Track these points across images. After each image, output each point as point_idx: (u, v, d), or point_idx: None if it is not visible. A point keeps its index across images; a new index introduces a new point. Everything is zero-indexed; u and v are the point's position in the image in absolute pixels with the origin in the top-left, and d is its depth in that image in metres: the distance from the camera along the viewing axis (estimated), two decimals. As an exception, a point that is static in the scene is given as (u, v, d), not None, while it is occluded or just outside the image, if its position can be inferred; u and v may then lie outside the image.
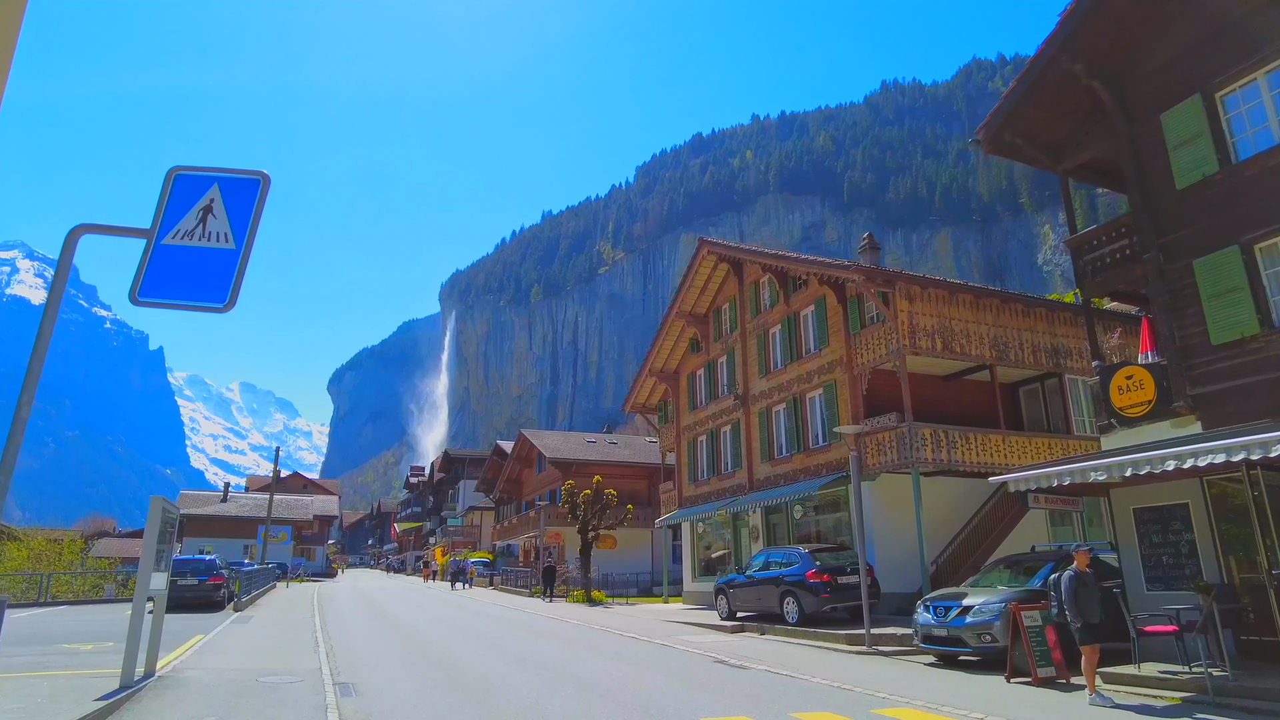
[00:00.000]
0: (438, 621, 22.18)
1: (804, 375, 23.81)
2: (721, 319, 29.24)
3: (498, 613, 25.93)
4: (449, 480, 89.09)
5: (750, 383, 26.56)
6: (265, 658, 14.01)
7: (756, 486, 25.55)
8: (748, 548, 26.30)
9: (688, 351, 31.35)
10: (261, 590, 32.83)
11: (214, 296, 4.47)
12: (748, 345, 26.97)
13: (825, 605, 17.75)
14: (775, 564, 19.25)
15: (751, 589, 19.69)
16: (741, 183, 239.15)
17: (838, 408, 22.15)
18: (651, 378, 32.53)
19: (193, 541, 60.99)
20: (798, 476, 23.47)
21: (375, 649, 15.37)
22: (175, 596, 24.34)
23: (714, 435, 28.79)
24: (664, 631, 19.18)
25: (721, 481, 27.96)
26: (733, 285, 28.39)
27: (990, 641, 12.78)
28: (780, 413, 25.00)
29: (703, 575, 29.16)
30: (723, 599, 20.80)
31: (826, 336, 22.93)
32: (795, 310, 24.63)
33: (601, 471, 38.69)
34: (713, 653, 15.24)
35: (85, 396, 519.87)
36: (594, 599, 32.16)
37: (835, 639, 16.47)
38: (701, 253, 28.36)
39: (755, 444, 25.91)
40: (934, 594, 14.39)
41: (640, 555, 45.21)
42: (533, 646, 16.10)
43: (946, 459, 19.82)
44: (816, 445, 23.14)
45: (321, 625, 20.28)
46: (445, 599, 34.36)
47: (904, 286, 20.54)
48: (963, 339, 21.10)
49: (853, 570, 18.21)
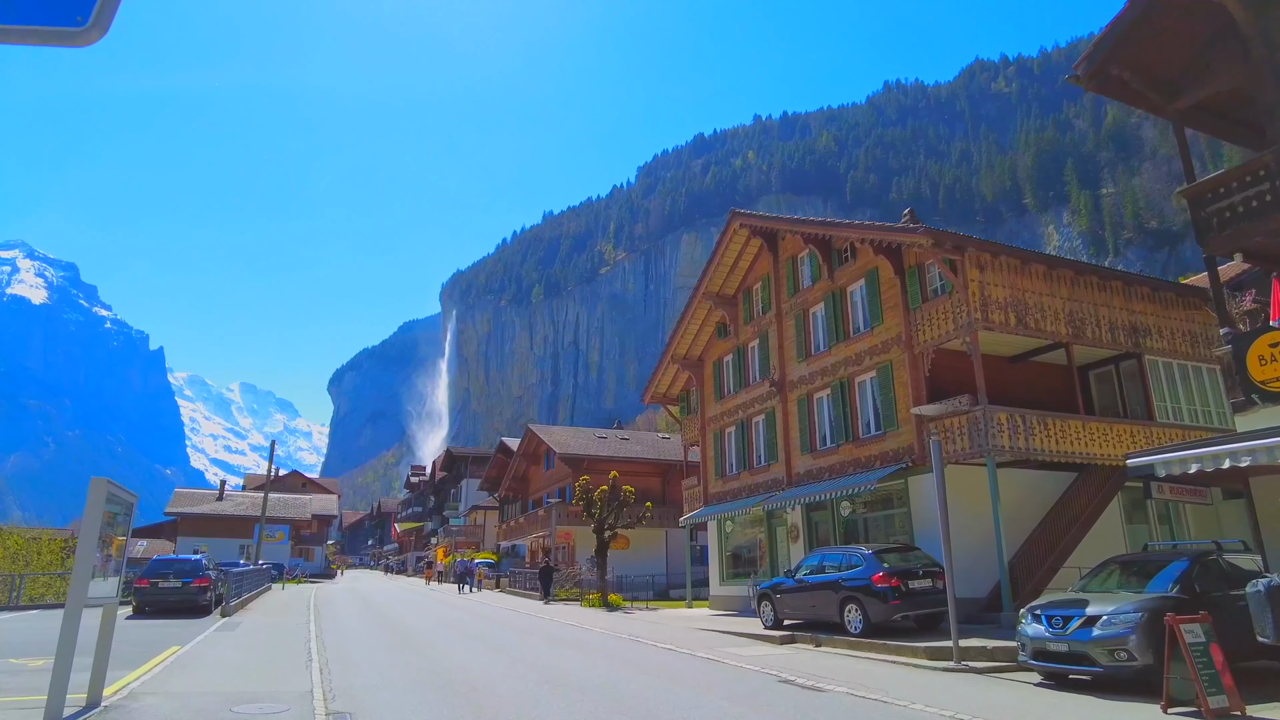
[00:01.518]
0: (447, 628, 19.90)
1: (852, 357, 21.52)
2: (753, 300, 26.96)
3: (511, 618, 23.65)
4: (451, 479, 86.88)
5: (787, 368, 24.27)
6: (247, 677, 11.71)
7: (796, 481, 23.27)
8: (784, 548, 24.02)
9: (713, 336, 29.04)
10: (254, 593, 30.55)
11: (67, 15, 2.19)
12: (784, 327, 24.68)
13: (895, 614, 15.46)
14: (831, 566, 16.95)
15: (803, 595, 17.39)
16: (744, 183, 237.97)
17: (894, 392, 19.85)
18: (674, 365, 30.18)
19: (187, 541, 58.81)
20: (846, 469, 21.19)
21: (378, 664, 13.07)
22: (157, 600, 22.13)
23: (744, 426, 26.49)
24: (702, 642, 16.90)
25: (754, 476, 25.66)
26: (765, 262, 26.10)
27: (1126, 659, 10.48)
28: (824, 399, 22.70)
29: (731, 578, 26.86)
30: (767, 606, 18.49)
31: (880, 313, 20.64)
32: (841, 286, 22.34)
33: (614, 468, 36.37)
34: (771, 669, 12.97)
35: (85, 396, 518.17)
36: (611, 603, 29.89)
37: (911, 653, 14.17)
38: (732, 227, 26.04)
39: (794, 434, 23.62)
40: (1043, 601, 12.10)
41: (653, 556, 42.92)
42: (561, 661, 13.82)
43: (1024, 447, 17.54)
44: (868, 434, 20.85)
45: (316, 633, 17.98)
46: (452, 602, 32.05)
47: (974, 253, 18.26)
48: (1037, 314, 18.82)
49: (925, 573, 15.95)
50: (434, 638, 17.57)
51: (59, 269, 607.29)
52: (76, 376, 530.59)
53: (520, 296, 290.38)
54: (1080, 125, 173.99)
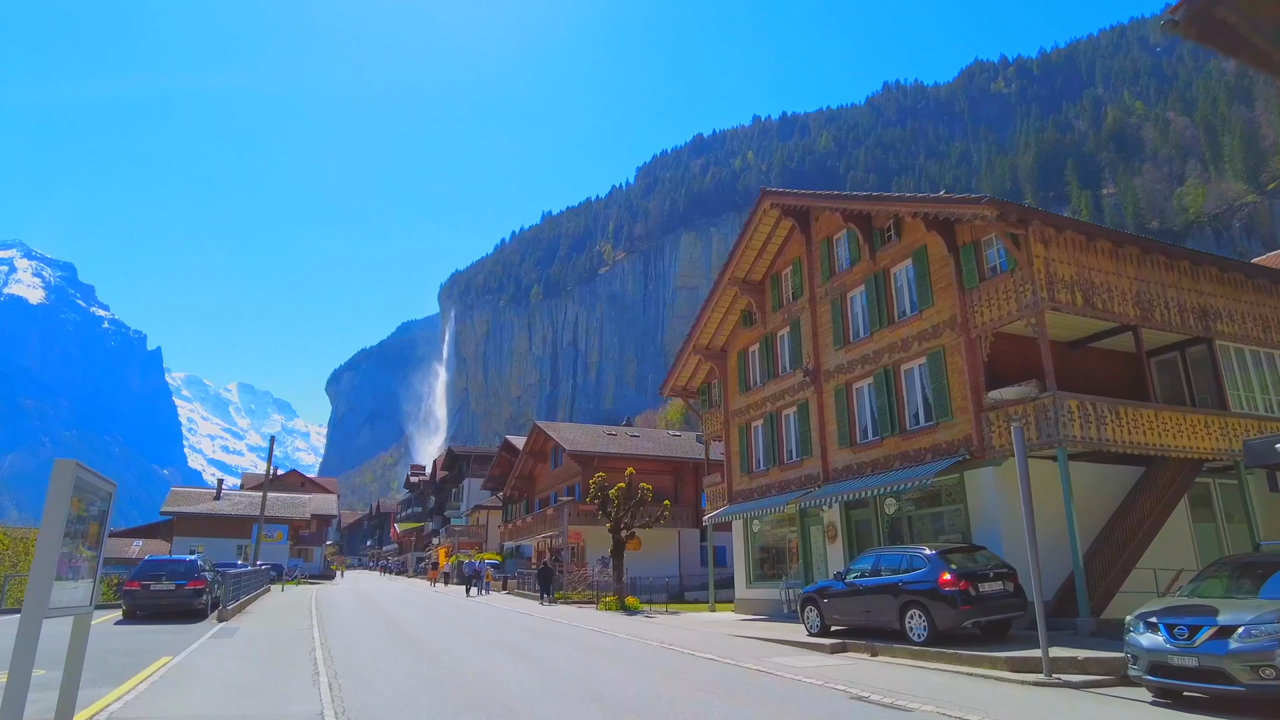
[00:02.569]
0: (462, 634, 18.37)
1: (898, 343, 20.00)
2: (782, 285, 25.44)
3: (529, 622, 22.11)
4: (452, 478, 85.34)
5: (823, 356, 22.75)
6: (246, 694, 10.17)
7: (833, 477, 21.75)
8: (819, 549, 22.50)
9: (738, 325, 27.50)
10: (253, 595, 28.99)
11: None
12: (818, 313, 23.17)
13: (964, 620, 13.94)
14: (889, 568, 15.42)
15: (855, 599, 15.86)
16: (743, 183, 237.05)
17: (947, 379, 18.33)
18: (695, 356, 28.61)
19: (183, 542, 57.20)
20: (891, 464, 19.67)
21: (393, 677, 11.54)
22: (148, 604, 20.59)
23: (773, 420, 24.97)
24: (746, 651, 15.38)
25: (784, 472, 24.14)
26: (797, 245, 24.58)
27: (1273, 677, 8.99)
28: (865, 389, 21.18)
29: (759, 580, 25.33)
30: (812, 611, 16.96)
31: (930, 295, 19.13)
32: (884, 267, 20.83)
33: (625, 465, 34.73)
34: (835, 684, 11.47)
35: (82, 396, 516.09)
36: (629, 606, 28.38)
37: (989, 664, 12.64)
38: (762, 206, 24.49)
39: (830, 427, 22.10)
40: (1158, 608, 10.58)
41: (666, 557, 41.43)
42: (599, 673, 12.29)
43: (1096, 437, 16.03)
44: (916, 426, 19.34)
45: (321, 640, 16.45)
46: (461, 605, 30.49)
47: (1039, 227, 16.76)
48: (1104, 294, 17.33)
49: (996, 575, 14.44)
50: (450, 645, 16.04)
51: (56, 269, 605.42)
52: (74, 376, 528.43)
53: (519, 296, 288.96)
54: (1080, 126, 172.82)
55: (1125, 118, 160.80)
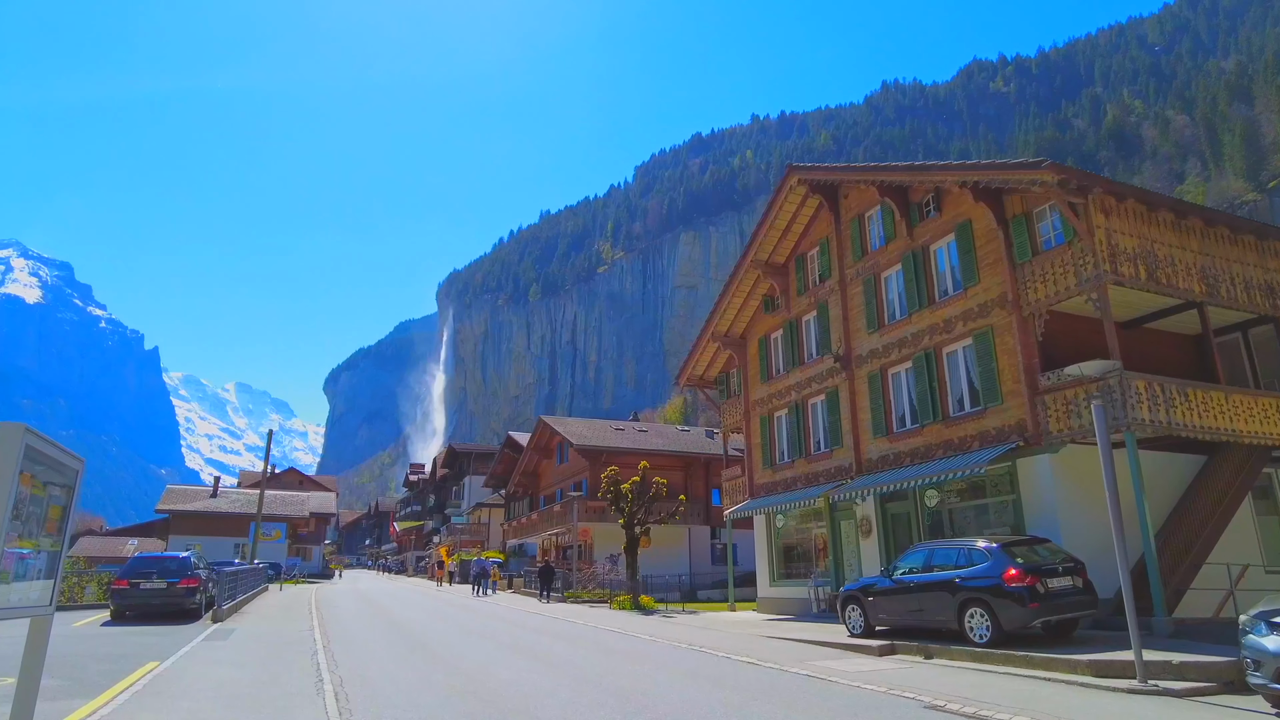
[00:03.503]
0: (476, 637, 17.06)
1: (940, 324, 18.71)
2: (807, 268, 24.14)
3: (545, 624, 20.79)
4: (453, 476, 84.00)
5: (854, 341, 21.46)
6: (239, 708, 8.83)
7: (867, 468, 20.45)
8: (852, 544, 21.20)
9: (759, 311, 26.19)
10: (250, 594, 27.69)
11: None
12: (848, 295, 21.87)
13: (1034, 619, 12.65)
14: (943, 564, 14.12)
15: (904, 597, 14.56)
16: (742, 182, 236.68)
17: (996, 361, 17.04)
18: (713, 344, 27.29)
19: (180, 540, 55.94)
20: (933, 453, 18.38)
21: (407, 686, 10.24)
22: (138, 603, 19.26)
23: (799, 409, 23.67)
24: (787, 654, 14.09)
25: (811, 464, 22.85)
26: (824, 224, 23.29)
27: None
28: (903, 374, 19.89)
29: (783, 579, 24.02)
30: (855, 610, 15.66)
31: (975, 272, 17.85)
32: (922, 244, 19.54)
33: (636, 460, 33.33)
34: (900, 691, 10.21)
35: (80, 395, 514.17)
36: (643, 605, 27.11)
37: (1068, 667, 11.35)
38: (789, 183, 23.17)
39: (863, 416, 20.81)
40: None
41: (675, 555, 40.13)
42: (635, 680, 11.01)
43: (1164, 420, 14.76)
44: (961, 412, 18.05)
45: (324, 643, 15.15)
46: (469, 605, 29.16)
47: (1100, 195, 15.49)
48: (1167, 268, 16.07)
49: (1066, 570, 13.15)
50: (465, 649, 14.75)
51: (53, 268, 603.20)
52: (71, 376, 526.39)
53: (518, 296, 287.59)
54: (1079, 125, 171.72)
55: (1125, 116, 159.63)
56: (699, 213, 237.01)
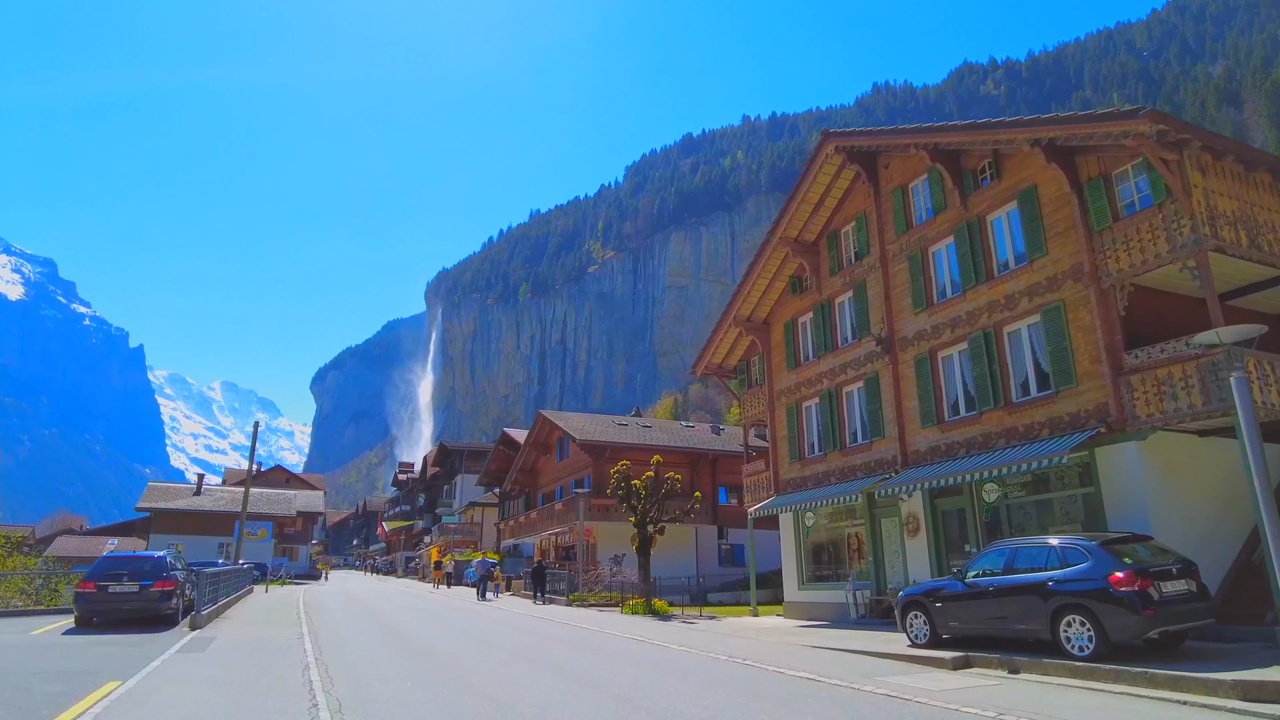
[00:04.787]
0: (487, 647, 15.17)
1: (1000, 301, 16.95)
2: (840, 245, 22.36)
3: (556, 631, 18.88)
4: (444, 475, 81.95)
5: (898, 322, 19.68)
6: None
7: (913, 460, 18.68)
8: (895, 544, 19.42)
9: (785, 293, 24.40)
10: (233, 597, 25.69)
11: None
12: (891, 273, 20.09)
13: (1149, 628, 10.87)
14: (1027, 566, 12.32)
15: (981, 603, 12.76)
16: (733, 182, 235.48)
17: (1070, 340, 15.28)
18: (734, 329, 25.45)
19: (161, 539, 53.67)
20: (993, 442, 16.63)
21: (423, 712, 8.38)
22: (106, 609, 17.19)
23: (832, 397, 21.88)
24: (842, 667, 12.28)
25: (847, 457, 21.06)
26: (862, 197, 21.52)
27: None
28: (956, 357, 18.13)
29: (814, 581, 22.21)
30: (919, 617, 13.87)
31: (1042, 242, 16.09)
32: (978, 214, 17.79)
33: (640, 456, 31.40)
34: (1010, 715, 8.45)
35: (63, 394, 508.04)
36: (658, 610, 25.29)
37: (1204, 688, 9.53)
38: (824, 151, 21.37)
39: (909, 403, 19.03)
40: None
41: (682, 556, 38.22)
42: (689, 701, 9.16)
43: (1276, 403, 13.05)
44: (1026, 397, 16.30)
45: (316, 655, 13.25)
46: (470, 609, 27.23)
47: (1196, 151, 13.78)
48: (1268, 234, 14.40)
49: (1180, 572, 11.40)
50: (480, 662, 12.87)
51: (36, 265, 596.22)
52: (54, 374, 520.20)
53: (507, 295, 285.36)
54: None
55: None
56: (690, 213, 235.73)
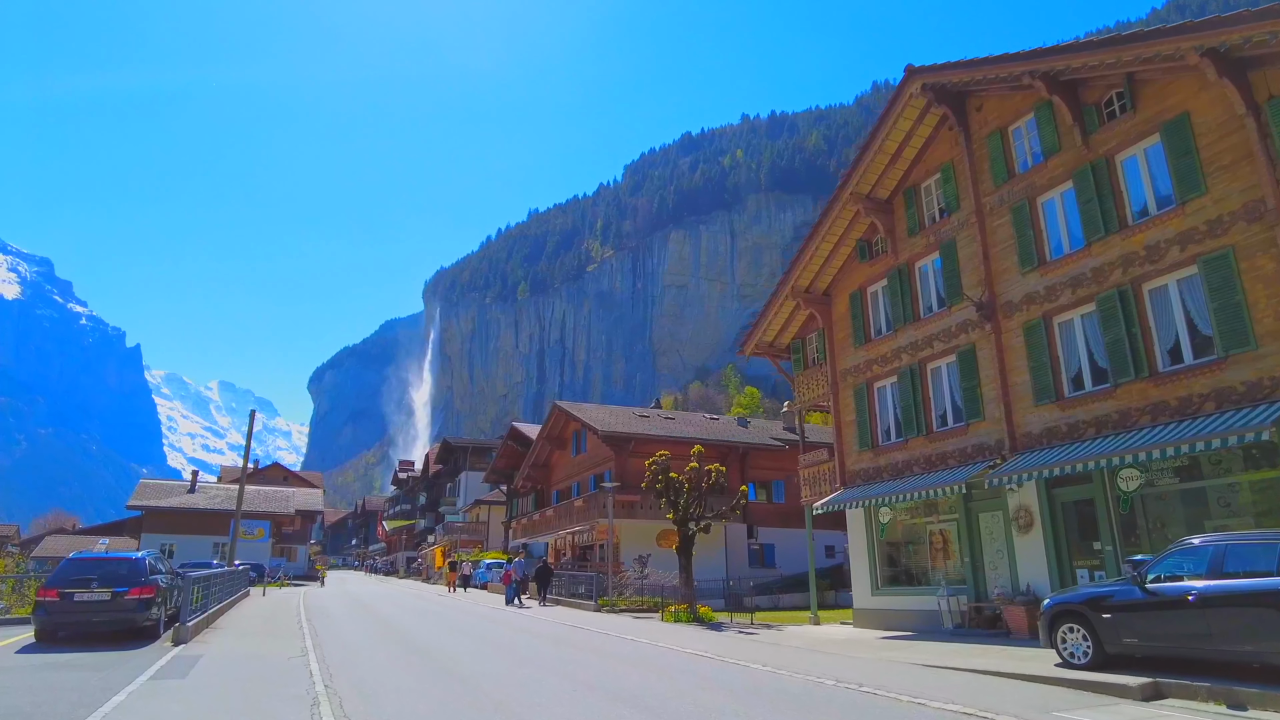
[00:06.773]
0: (535, 669, 12.36)
1: (1139, 253, 14.20)
2: (919, 202, 19.62)
3: (601, 643, 16.07)
4: (447, 473, 79.13)
5: (1000, 284, 16.94)
6: None
7: (1023, 444, 15.93)
8: (999, 541, 16.68)
9: (850, 260, 21.63)
10: (226, 602, 22.87)
11: None
12: (989, 229, 17.36)
13: None
14: (1245, 569, 9.58)
15: (1176, 615, 10.00)
16: (732, 180, 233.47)
17: (1243, 293, 12.52)
18: (791, 302, 22.61)
19: (153, 539, 50.86)
20: (1134, 419, 13.87)
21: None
22: (72, 620, 14.20)
23: (913, 374, 19.13)
24: (994, 695, 9.53)
25: (934, 443, 18.31)
26: (946, 145, 18.78)
27: None
28: (1077, 321, 15.39)
29: (891, 585, 19.46)
30: (1076, 631, 11.11)
31: (1199, 178, 13.33)
32: (1105, 153, 15.05)
33: (665, 449, 28.45)
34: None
35: (59, 393, 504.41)
36: (703, 617, 22.56)
37: None
38: (908, 91, 18.46)
39: (1018, 377, 16.29)
40: None
41: (713, 558, 35.39)
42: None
43: None
44: (1179, 364, 13.56)
45: (326, 680, 10.47)
46: (495, 617, 24.39)
47: None
48: None
49: None
50: (535, 692, 10.07)
51: (32, 264, 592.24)
52: (50, 373, 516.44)
53: (505, 294, 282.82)
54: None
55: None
56: (689, 212, 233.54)
